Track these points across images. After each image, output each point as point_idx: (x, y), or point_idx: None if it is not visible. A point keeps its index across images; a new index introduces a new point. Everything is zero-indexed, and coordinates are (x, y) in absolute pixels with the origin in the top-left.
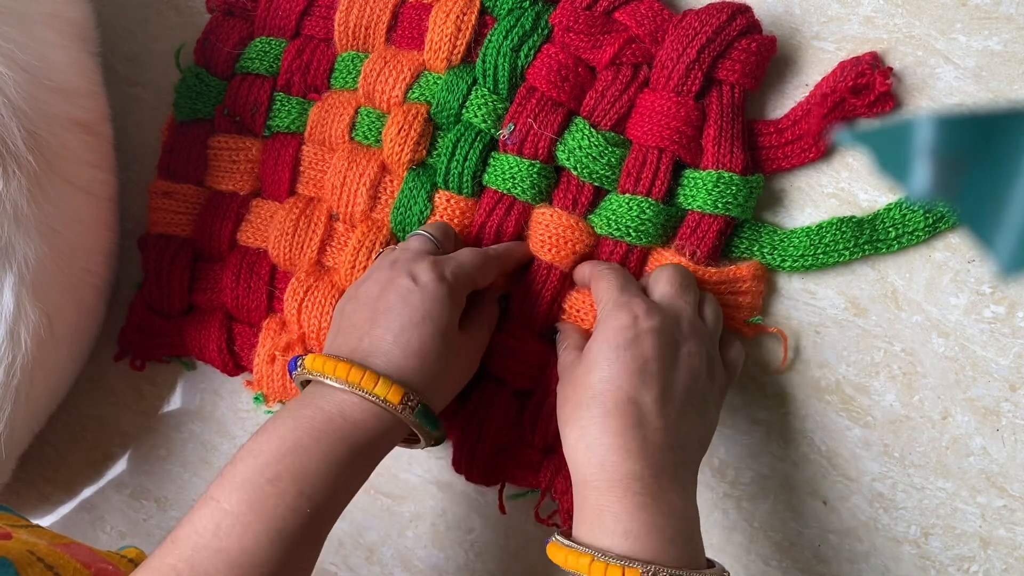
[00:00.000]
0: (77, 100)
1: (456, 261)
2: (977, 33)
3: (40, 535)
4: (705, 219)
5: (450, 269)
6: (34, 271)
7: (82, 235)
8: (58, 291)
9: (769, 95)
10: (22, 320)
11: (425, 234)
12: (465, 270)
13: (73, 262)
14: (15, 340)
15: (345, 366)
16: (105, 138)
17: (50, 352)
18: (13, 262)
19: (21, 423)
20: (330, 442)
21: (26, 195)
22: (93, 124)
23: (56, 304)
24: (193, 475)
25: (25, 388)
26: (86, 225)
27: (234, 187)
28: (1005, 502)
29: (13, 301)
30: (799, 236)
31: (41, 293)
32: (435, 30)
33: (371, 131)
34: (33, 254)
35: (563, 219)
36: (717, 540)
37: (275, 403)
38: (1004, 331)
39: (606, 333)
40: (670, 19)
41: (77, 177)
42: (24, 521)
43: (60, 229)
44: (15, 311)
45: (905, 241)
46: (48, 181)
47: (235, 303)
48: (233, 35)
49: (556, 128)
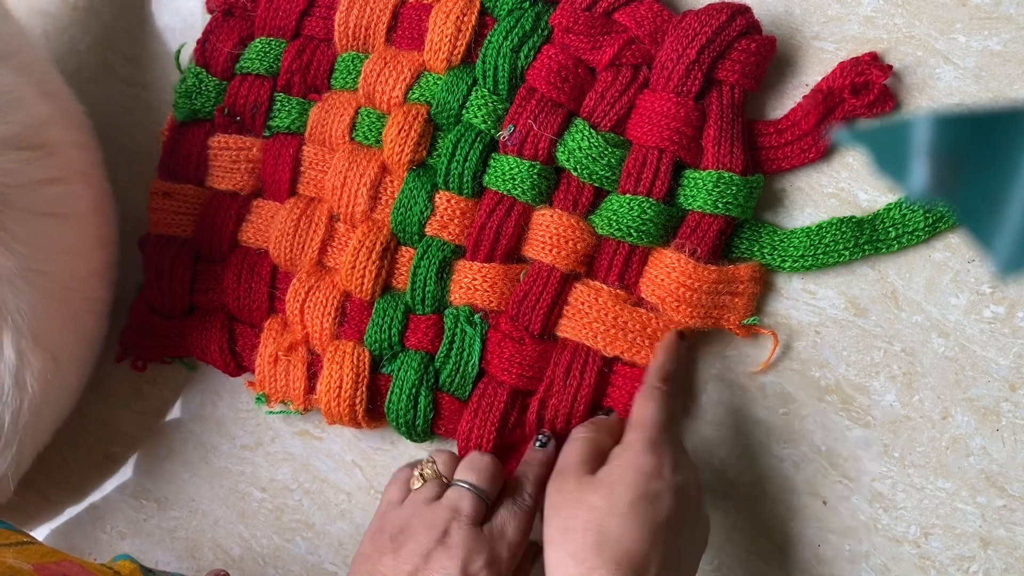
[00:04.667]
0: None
1: (509, 550)
2: (977, 33)
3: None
4: (705, 219)
5: (505, 565)
6: (30, 319)
7: (71, 265)
8: (59, 330)
9: (769, 95)
10: (26, 368)
11: (476, 493)
12: (518, 555)
13: (70, 296)
14: (21, 386)
15: None
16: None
17: (56, 387)
18: (7, 315)
19: (28, 453)
20: None
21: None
22: (27, 137)
23: (59, 342)
24: (193, 475)
25: (32, 424)
26: (72, 254)
27: (234, 187)
28: (1005, 502)
29: (14, 354)
30: (799, 236)
31: (42, 338)
32: (435, 30)
33: (371, 131)
34: (25, 303)
35: (564, 219)
36: (717, 540)
37: (277, 403)
38: (1004, 331)
39: (635, 475)
40: (670, 20)
41: (35, 202)
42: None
43: (45, 268)
44: (17, 362)
45: (905, 241)
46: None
47: (236, 303)
48: (233, 35)
49: (556, 129)
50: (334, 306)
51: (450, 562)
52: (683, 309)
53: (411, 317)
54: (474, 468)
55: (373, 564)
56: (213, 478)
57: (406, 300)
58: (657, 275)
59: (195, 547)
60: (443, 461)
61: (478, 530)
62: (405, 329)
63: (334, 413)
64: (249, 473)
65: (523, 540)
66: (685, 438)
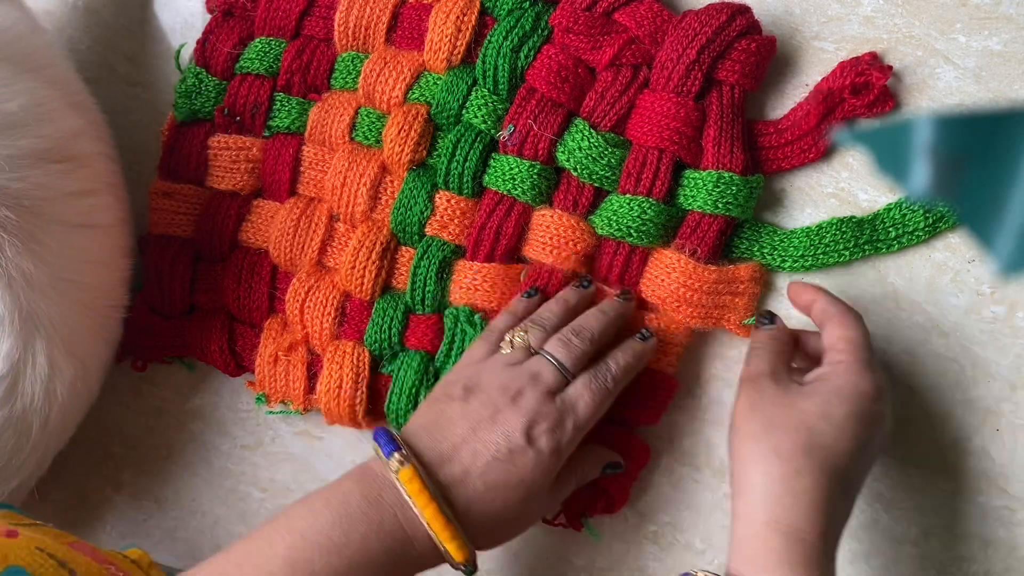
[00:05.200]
0: (27, 131)
1: (575, 424)
2: (977, 33)
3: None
4: (705, 219)
5: (568, 437)
6: (61, 328)
7: (99, 275)
8: (89, 337)
9: (769, 95)
10: (57, 377)
11: (558, 367)
12: (582, 433)
13: (99, 304)
14: (51, 395)
15: (434, 509)
16: (84, 160)
17: (83, 393)
18: (40, 327)
19: (50, 456)
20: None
21: (27, 256)
22: (59, 150)
23: (89, 349)
24: (193, 475)
25: (58, 431)
26: (101, 264)
27: (234, 187)
28: (1005, 502)
29: (47, 363)
30: (799, 236)
31: (74, 347)
32: (435, 30)
33: (371, 131)
34: (57, 313)
35: (564, 220)
36: (717, 540)
37: (277, 403)
38: (1004, 331)
39: (852, 391)
40: (670, 20)
41: (66, 214)
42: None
43: (75, 278)
44: (49, 371)
45: (905, 241)
46: (40, 231)
47: (236, 303)
48: (233, 35)
49: (556, 129)
50: (334, 306)
51: (516, 421)
52: (684, 309)
53: (411, 317)
54: (565, 346)
55: (441, 408)
56: (213, 478)
57: (406, 300)
58: (657, 275)
59: (195, 547)
60: (536, 336)
61: (550, 398)
62: (405, 329)
63: (334, 413)
64: (249, 473)
65: (592, 418)
66: (685, 437)
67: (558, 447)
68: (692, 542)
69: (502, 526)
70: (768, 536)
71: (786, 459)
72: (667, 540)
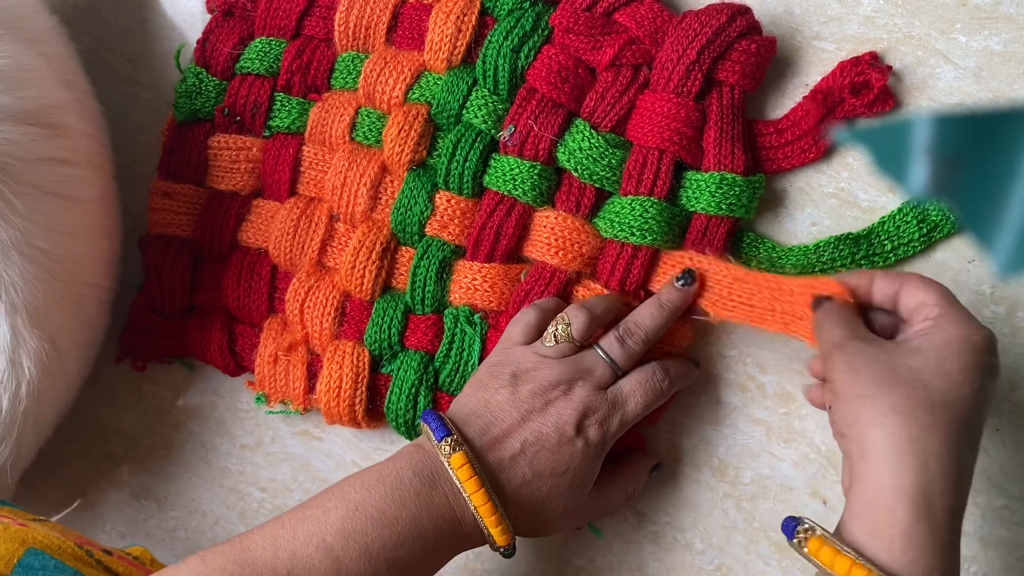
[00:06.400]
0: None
1: (623, 419)
2: (977, 33)
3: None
4: (712, 221)
5: (613, 431)
6: (26, 296)
7: (72, 248)
8: (59, 312)
9: (769, 95)
10: (22, 348)
11: (612, 365)
12: (625, 428)
13: (71, 278)
14: (17, 368)
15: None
16: (65, 131)
17: (57, 373)
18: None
19: (29, 444)
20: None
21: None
22: (39, 114)
23: (59, 326)
24: (193, 475)
25: (32, 412)
26: (73, 237)
27: (234, 187)
28: (1005, 502)
29: (8, 330)
30: (797, 254)
31: (40, 318)
32: (435, 31)
33: (371, 131)
34: (19, 278)
35: (568, 222)
36: (717, 540)
37: (277, 403)
38: (1004, 331)
39: (963, 343)
40: (670, 20)
41: (40, 179)
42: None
43: (45, 246)
44: (12, 340)
45: (901, 253)
46: (9, 190)
47: (236, 303)
48: (233, 35)
49: (556, 129)
50: (334, 306)
51: (569, 413)
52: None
53: (411, 317)
54: (621, 345)
55: (489, 394)
56: (213, 478)
57: (406, 300)
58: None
59: (195, 547)
60: (579, 327)
61: (602, 392)
62: (405, 329)
63: (334, 413)
64: (249, 473)
65: (640, 415)
66: (685, 437)
67: (604, 439)
68: (692, 542)
69: (544, 513)
70: (895, 506)
71: (909, 417)
72: (667, 540)
